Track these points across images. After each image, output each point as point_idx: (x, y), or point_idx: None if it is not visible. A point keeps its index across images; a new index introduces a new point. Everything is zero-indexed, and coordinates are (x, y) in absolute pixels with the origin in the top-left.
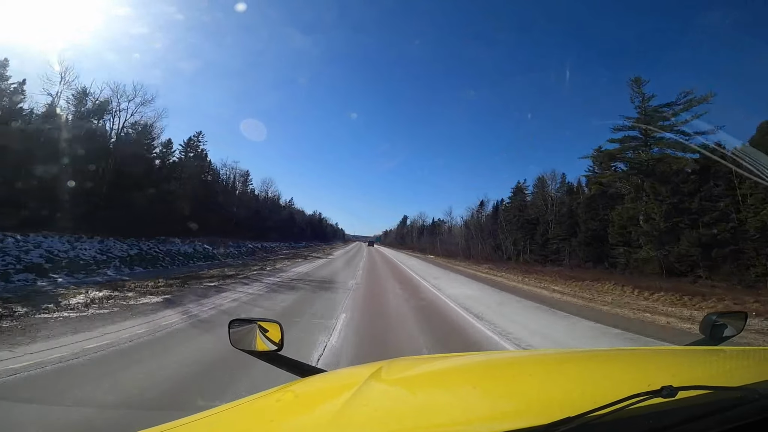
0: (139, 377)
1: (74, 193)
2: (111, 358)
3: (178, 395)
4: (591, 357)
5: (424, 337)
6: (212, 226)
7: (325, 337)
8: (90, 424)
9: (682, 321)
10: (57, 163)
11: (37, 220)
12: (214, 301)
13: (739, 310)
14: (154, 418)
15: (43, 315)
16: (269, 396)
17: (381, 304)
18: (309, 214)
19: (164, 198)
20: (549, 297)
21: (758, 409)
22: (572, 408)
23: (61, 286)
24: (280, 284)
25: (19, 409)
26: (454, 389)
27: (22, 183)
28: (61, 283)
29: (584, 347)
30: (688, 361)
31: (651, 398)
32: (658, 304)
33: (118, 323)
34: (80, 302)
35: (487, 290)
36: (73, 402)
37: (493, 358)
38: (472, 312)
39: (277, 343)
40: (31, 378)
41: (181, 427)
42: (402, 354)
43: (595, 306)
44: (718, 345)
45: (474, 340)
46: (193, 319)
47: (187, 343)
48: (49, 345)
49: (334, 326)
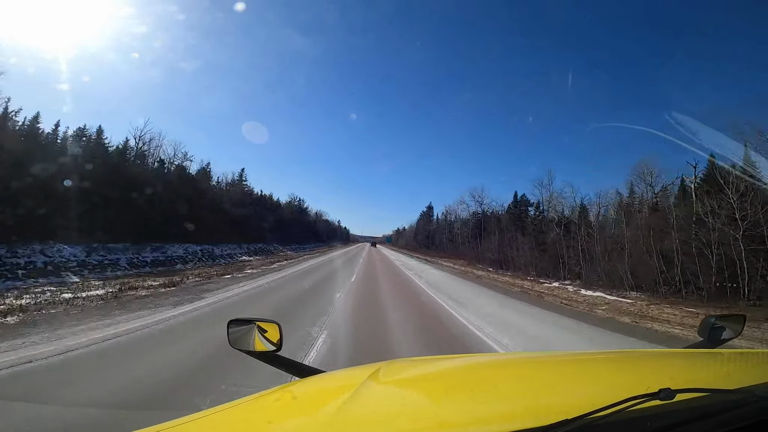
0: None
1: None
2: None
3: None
4: (589, 360)
5: None
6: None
7: None
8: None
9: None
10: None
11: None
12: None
13: (738, 313)
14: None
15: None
16: (268, 396)
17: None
18: (285, 201)
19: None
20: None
21: (756, 412)
22: (570, 410)
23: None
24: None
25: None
26: (452, 391)
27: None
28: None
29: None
30: (687, 363)
31: (649, 401)
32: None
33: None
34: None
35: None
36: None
37: (490, 360)
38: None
39: (276, 343)
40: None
41: (179, 426)
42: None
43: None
44: (716, 348)
45: None
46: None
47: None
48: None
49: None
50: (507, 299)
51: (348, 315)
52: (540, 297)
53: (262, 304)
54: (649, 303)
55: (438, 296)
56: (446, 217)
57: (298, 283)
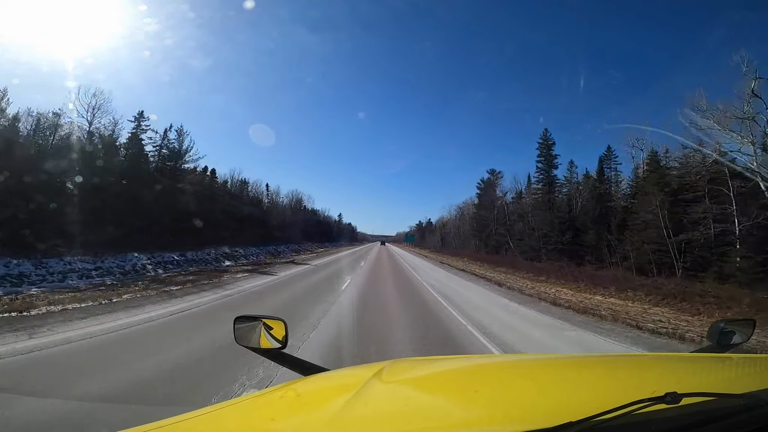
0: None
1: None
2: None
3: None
4: (595, 362)
5: None
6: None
7: None
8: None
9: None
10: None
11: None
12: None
13: (748, 318)
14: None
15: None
16: (272, 393)
17: None
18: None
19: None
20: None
21: (763, 417)
22: (574, 412)
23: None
24: None
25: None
26: (456, 392)
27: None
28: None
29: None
30: (694, 367)
31: (655, 404)
32: None
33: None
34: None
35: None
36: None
37: (495, 361)
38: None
39: (281, 340)
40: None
41: (183, 422)
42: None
43: None
44: (725, 352)
45: None
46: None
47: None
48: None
49: None
50: None
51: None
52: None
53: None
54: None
55: None
56: (504, 199)
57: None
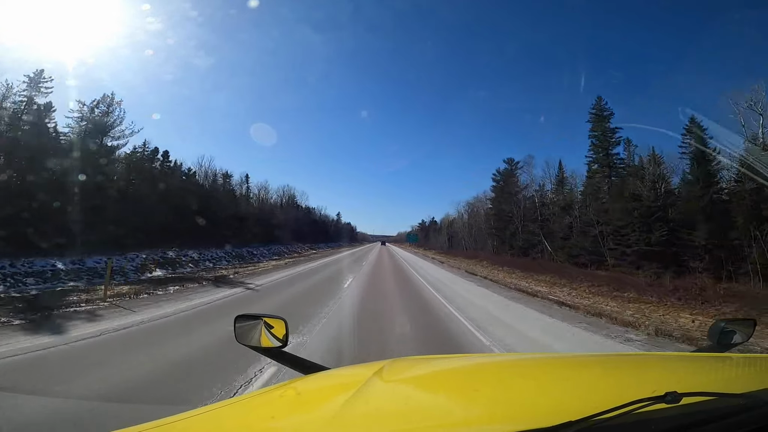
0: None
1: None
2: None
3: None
4: (595, 362)
5: None
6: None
7: None
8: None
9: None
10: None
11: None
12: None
13: (749, 317)
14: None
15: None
16: (272, 392)
17: None
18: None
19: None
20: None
21: (762, 416)
22: (575, 412)
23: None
24: None
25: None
26: (456, 391)
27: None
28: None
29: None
30: (694, 367)
31: (655, 404)
32: None
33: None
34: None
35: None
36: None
37: (496, 361)
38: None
39: (282, 339)
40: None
41: (183, 420)
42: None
43: None
44: (725, 352)
45: None
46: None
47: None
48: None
49: None
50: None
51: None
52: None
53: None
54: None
55: None
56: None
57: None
